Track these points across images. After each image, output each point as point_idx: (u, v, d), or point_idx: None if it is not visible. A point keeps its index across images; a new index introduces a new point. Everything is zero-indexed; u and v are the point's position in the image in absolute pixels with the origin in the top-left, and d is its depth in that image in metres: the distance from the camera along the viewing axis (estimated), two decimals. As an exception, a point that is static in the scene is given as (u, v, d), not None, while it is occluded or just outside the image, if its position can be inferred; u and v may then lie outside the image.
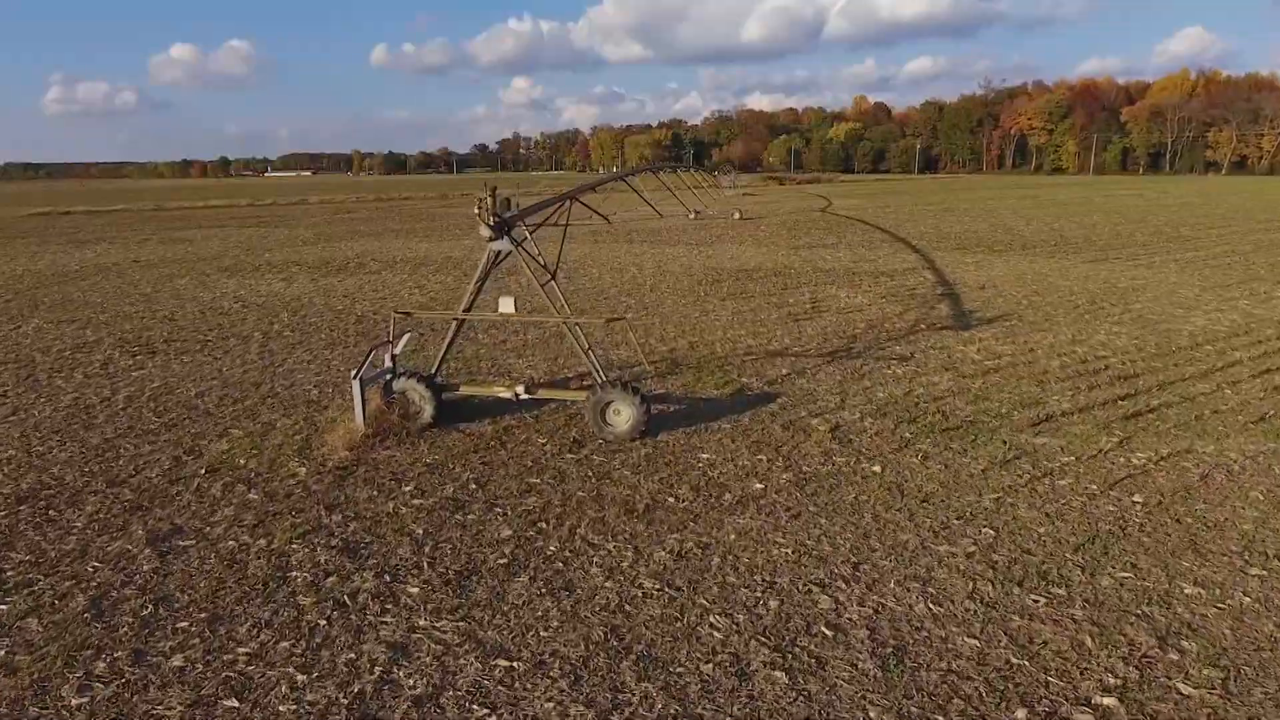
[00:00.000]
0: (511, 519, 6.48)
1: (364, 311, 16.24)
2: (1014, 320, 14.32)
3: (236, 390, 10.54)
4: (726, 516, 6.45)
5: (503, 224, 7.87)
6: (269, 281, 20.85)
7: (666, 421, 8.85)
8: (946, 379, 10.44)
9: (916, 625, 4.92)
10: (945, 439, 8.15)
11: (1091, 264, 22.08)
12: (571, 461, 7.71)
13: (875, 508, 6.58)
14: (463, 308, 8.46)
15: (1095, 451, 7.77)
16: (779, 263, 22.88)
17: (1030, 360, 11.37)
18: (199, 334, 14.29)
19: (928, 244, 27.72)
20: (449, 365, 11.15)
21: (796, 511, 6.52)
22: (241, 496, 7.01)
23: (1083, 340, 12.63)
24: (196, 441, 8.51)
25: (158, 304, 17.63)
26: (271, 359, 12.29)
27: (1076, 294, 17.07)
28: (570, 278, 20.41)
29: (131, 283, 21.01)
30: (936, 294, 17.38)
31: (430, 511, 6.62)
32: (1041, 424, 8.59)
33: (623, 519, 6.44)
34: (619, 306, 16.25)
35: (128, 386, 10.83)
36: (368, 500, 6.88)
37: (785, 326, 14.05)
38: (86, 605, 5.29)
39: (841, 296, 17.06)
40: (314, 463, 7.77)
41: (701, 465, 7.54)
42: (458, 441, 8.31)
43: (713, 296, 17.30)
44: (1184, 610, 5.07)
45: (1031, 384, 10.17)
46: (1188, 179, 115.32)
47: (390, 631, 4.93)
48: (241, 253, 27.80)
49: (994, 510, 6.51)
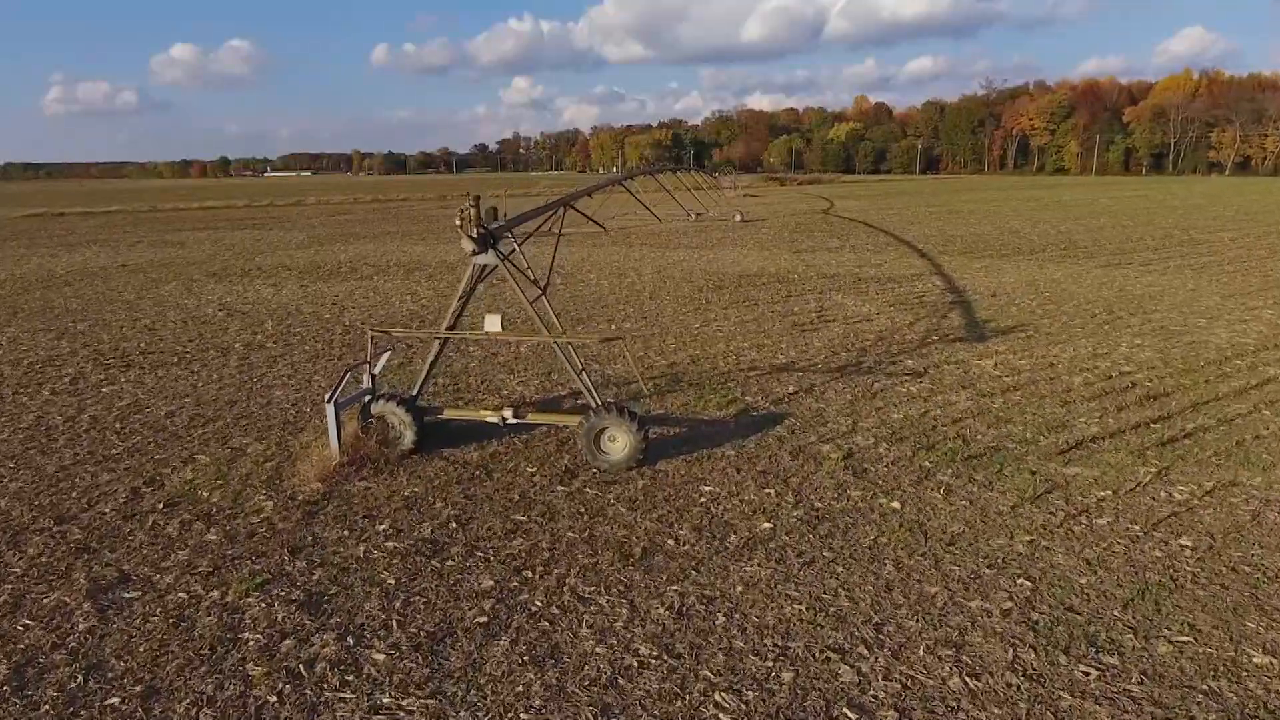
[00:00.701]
0: (494, 565, 5.85)
1: (352, 321, 15.62)
2: (1030, 331, 13.68)
3: (209, 409, 9.91)
4: (732, 563, 5.82)
5: (488, 236, 7.23)
6: (257, 287, 20.23)
7: (666, 447, 8.22)
8: (964, 398, 9.80)
9: (952, 705, 4.29)
10: (968, 469, 7.52)
11: (1104, 269, 21.44)
12: (562, 495, 7.08)
13: (896, 552, 5.95)
14: (445, 325, 7.83)
15: (1132, 484, 7.14)
16: (782, 268, 22.25)
17: (1051, 376, 10.74)
18: (178, 345, 13.67)
19: (934, 248, 27.08)
20: (432, 386, 10.53)
21: (810, 557, 5.89)
22: (199, 537, 6.39)
23: (1104, 354, 11.99)
24: (159, 470, 7.88)
25: (139, 312, 17.01)
26: (250, 374, 11.66)
27: (1092, 302, 16.43)
28: (567, 283, 19.80)
29: (116, 289, 20.39)
30: (947, 302, 16.75)
31: (405, 557, 5.99)
32: (1071, 451, 7.96)
33: (617, 566, 5.81)
34: (617, 316, 15.62)
35: (95, 404, 10.21)
36: (337, 542, 6.25)
37: (791, 338, 13.42)
38: (9, 674, 4.66)
39: (848, 305, 16.43)
40: (282, 496, 7.14)
41: (704, 500, 6.91)
42: (440, 471, 7.68)
43: (714, 304, 16.67)
44: (1256, 686, 4.44)
45: (1055, 404, 9.53)
46: (1192, 180, 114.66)
47: (348, 712, 4.30)
48: (232, 256, 27.17)
49: (1028, 556, 5.88)
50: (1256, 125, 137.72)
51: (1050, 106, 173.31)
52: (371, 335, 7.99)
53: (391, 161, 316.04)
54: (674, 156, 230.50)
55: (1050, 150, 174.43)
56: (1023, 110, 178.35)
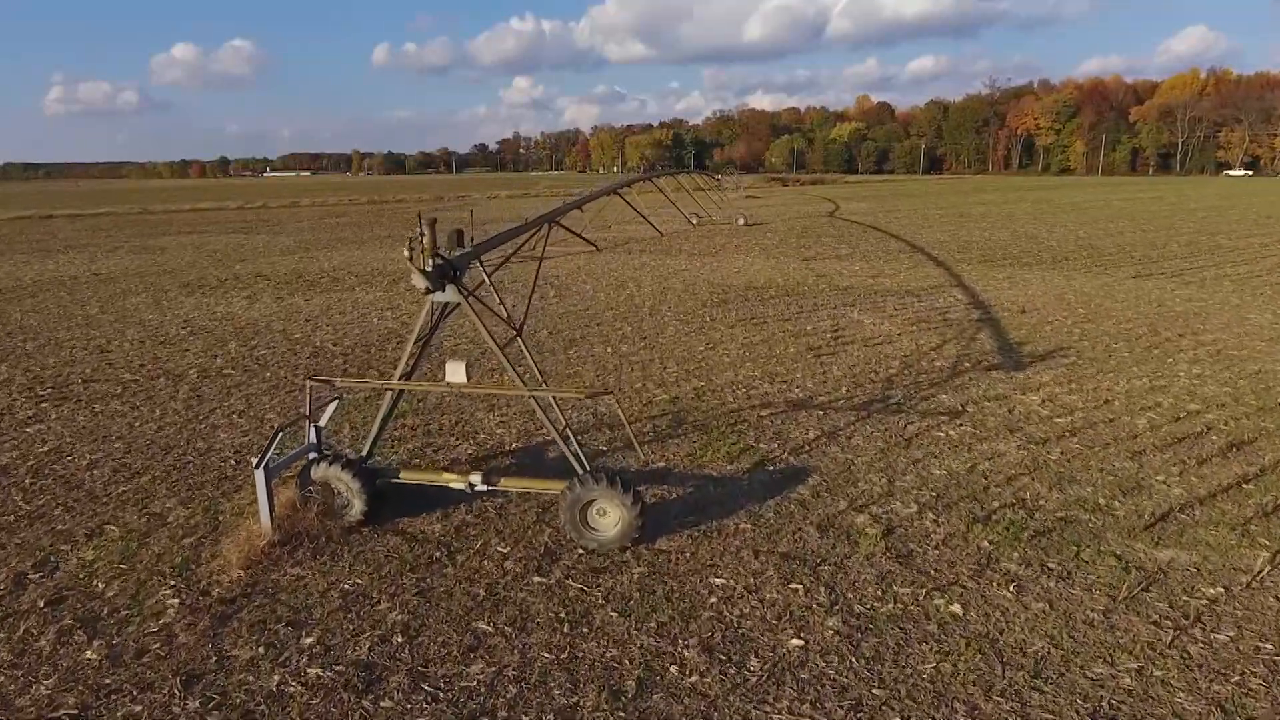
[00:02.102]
0: (443, 709, 4.49)
1: (323, 342, 14.27)
2: (1072, 357, 12.30)
3: (140, 457, 8.56)
4: (754, 707, 4.45)
5: (447, 267, 5.86)
6: (230, 300, 18.88)
7: (668, 515, 6.86)
8: (1014, 446, 8.43)
9: None
10: (1037, 552, 6.15)
11: (1135, 280, 20.05)
12: (539, 590, 5.71)
13: (968, 689, 4.58)
14: (399, 374, 6.46)
15: (1246, 577, 5.77)
16: (790, 278, 20.88)
17: (1110, 417, 9.36)
18: (127, 371, 12.32)
19: (949, 255, 25.70)
20: (396, 427, 9.15)
21: (855, 697, 4.52)
22: (76, 654, 5.03)
23: (1163, 386, 10.62)
24: (57, 546, 6.53)
25: (97, 329, 15.67)
26: (198, 408, 10.31)
27: (1132, 321, 15.05)
28: (561, 296, 18.44)
29: (80, 301, 19.06)
30: (973, 320, 15.37)
31: (328, 693, 4.63)
32: (1157, 525, 6.58)
33: (604, 710, 4.45)
34: (613, 335, 14.25)
35: (12, 450, 8.85)
36: (247, 666, 4.89)
37: (806, 364, 12.05)
38: None
39: (866, 323, 15.05)
40: (194, 590, 5.78)
41: (715, 600, 5.54)
42: (392, 551, 6.32)
43: (720, 322, 15.30)
44: None
45: (1122, 454, 8.16)
46: (1200, 180, 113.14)
47: None
48: (211, 265, 25.83)
49: (1142, 696, 4.51)
50: (1265, 125, 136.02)
51: (1055, 106, 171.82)
52: (310, 386, 6.61)
53: (391, 162, 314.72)
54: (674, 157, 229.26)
55: (1055, 150, 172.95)
56: (1027, 110, 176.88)
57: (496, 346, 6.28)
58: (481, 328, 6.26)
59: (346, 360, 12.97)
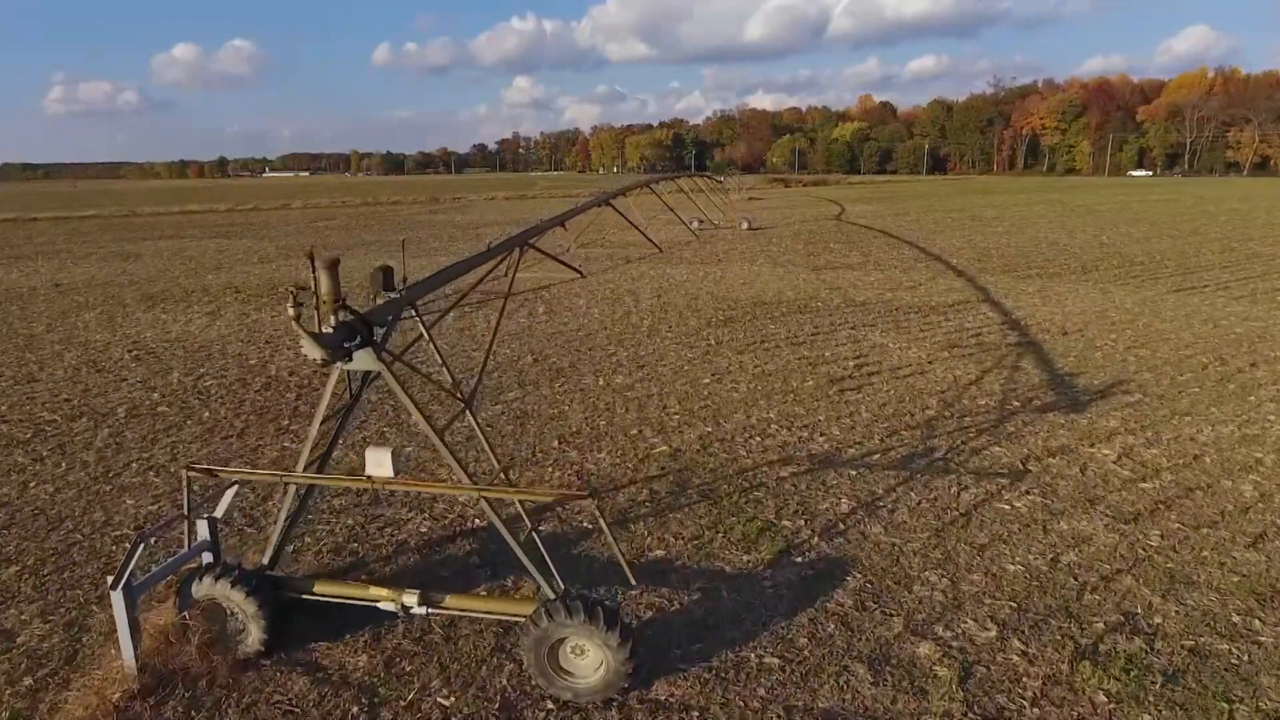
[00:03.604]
0: None
1: (279, 369, 12.64)
2: (1135, 393, 10.64)
3: (18, 535, 6.92)
4: None
5: (354, 329, 4.22)
6: (190, 316, 17.25)
7: (668, 640, 5.21)
8: (1101, 526, 6.78)
9: None
10: (1170, 711, 4.50)
11: (1178, 295, 18.38)
12: (487, 779, 4.07)
13: None
14: (301, 465, 4.82)
15: None
16: (801, 291, 19.22)
17: (1206, 481, 7.70)
18: (47, 409, 10.69)
19: (970, 264, 24.03)
20: (295, 545, 7.38)
21: None
22: None
23: (1256, 436, 8.96)
24: None
25: (36, 352, 14.05)
26: (111, 461, 8.67)
27: (1190, 345, 13.38)
28: (551, 312, 16.80)
29: (28, 318, 17.43)
30: (1010, 343, 13.71)
31: None
32: (1322, 660, 4.94)
33: None
34: (606, 363, 12.60)
35: None
36: None
37: (828, 402, 10.40)
38: None
39: (891, 348, 13.40)
40: (7, 774, 4.15)
41: (735, 803, 3.90)
42: (297, 700, 4.68)
43: (726, 346, 13.65)
44: None
45: (1240, 540, 6.51)
46: (1208, 181, 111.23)
47: None
48: (182, 273, 24.19)
49: None
50: (1275, 124, 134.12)
51: (1061, 105, 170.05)
52: (188, 477, 4.95)
53: (390, 162, 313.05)
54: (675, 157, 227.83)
55: (1061, 150, 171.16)
56: (1032, 109, 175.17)
57: (433, 431, 4.61)
58: (411, 407, 4.58)
59: (301, 394, 11.35)
